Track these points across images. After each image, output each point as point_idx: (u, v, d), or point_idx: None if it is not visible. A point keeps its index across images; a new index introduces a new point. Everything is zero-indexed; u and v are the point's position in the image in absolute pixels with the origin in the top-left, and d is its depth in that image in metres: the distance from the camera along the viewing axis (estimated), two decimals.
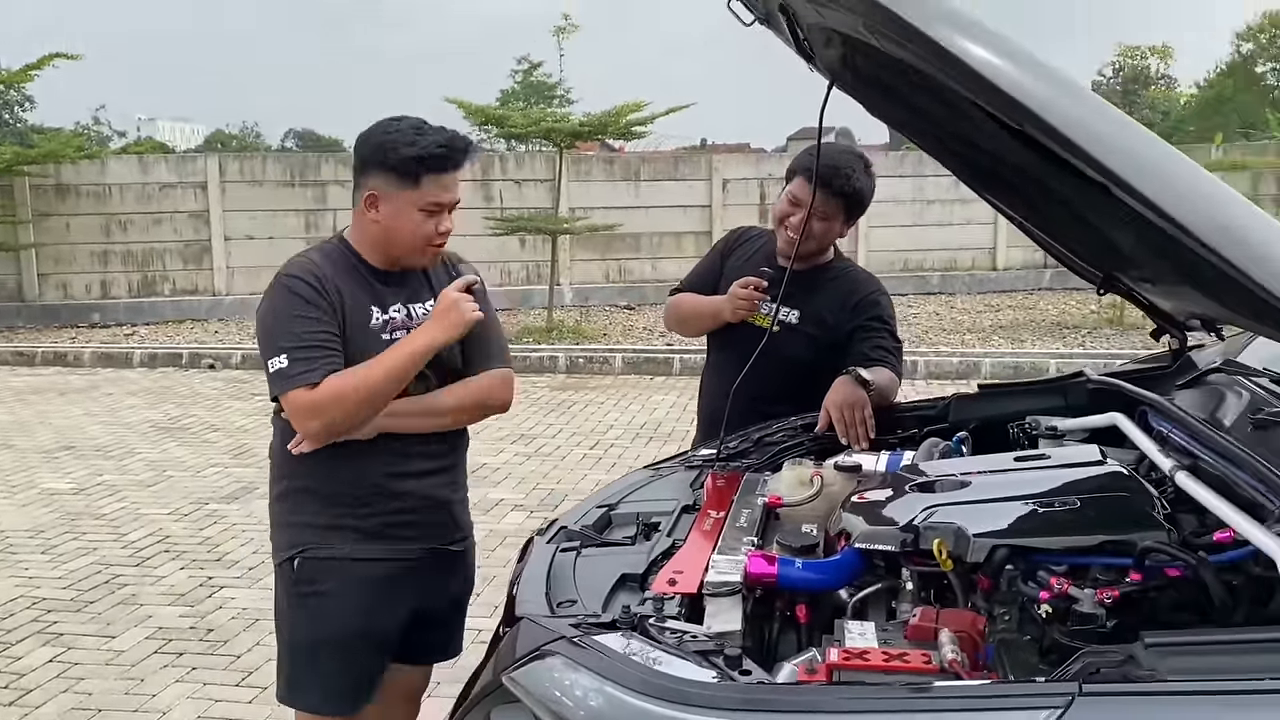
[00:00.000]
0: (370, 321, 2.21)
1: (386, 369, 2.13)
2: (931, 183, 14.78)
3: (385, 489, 2.24)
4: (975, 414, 2.51)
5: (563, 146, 12.30)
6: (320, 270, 2.18)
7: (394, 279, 2.27)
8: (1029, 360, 9.43)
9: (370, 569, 2.24)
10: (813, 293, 2.83)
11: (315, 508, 2.24)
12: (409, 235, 2.19)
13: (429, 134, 2.15)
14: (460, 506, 2.42)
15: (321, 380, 2.08)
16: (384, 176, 2.14)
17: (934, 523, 1.63)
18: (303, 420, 2.11)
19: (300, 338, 2.10)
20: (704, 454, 2.44)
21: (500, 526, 5.41)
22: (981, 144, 1.85)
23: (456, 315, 2.19)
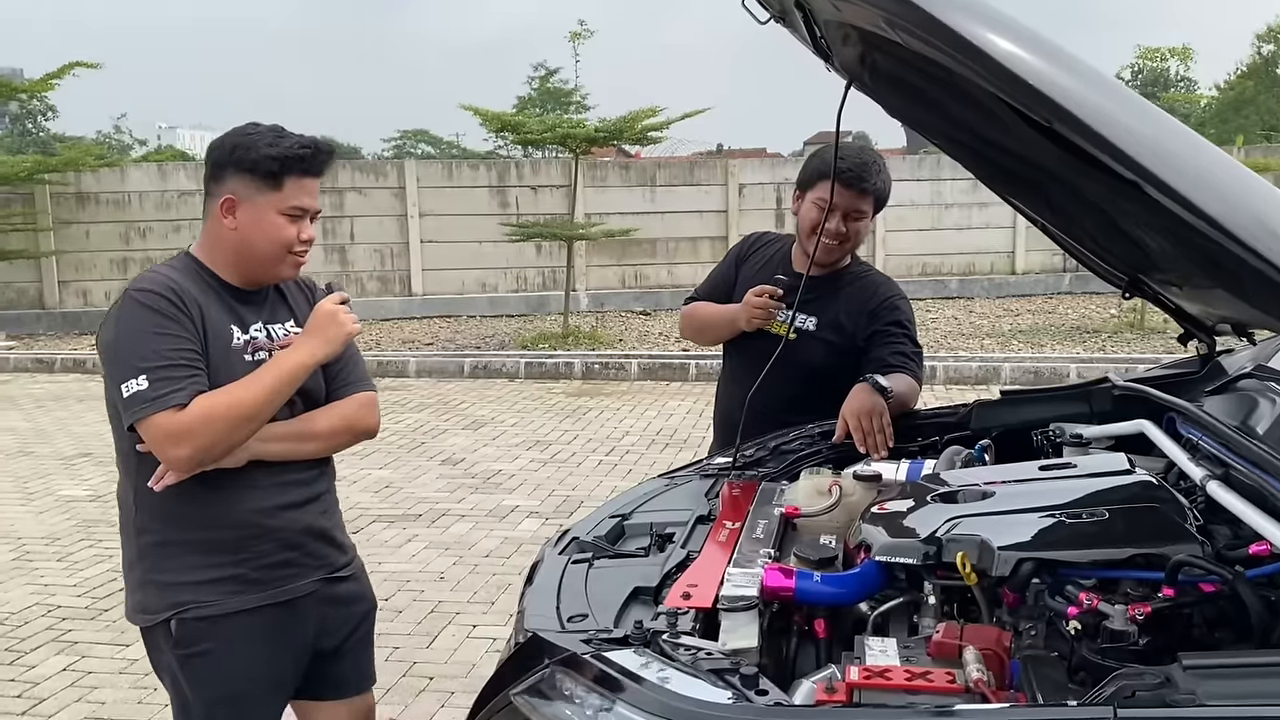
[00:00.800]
0: (232, 342, 2.05)
1: (263, 388, 1.97)
2: (949, 186, 14.69)
3: (262, 527, 2.07)
4: (997, 421, 2.46)
5: (578, 152, 12.27)
6: (176, 284, 2.00)
7: (252, 298, 2.13)
8: (1049, 365, 9.33)
9: (255, 619, 2.07)
10: (830, 298, 2.78)
11: (187, 562, 2.04)
12: (270, 242, 2.04)
13: (290, 136, 2.05)
14: (339, 531, 2.27)
15: (190, 401, 1.90)
16: (242, 179, 2.01)
17: (957, 535, 1.58)
18: (169, 447, 1.90)
19: (162, 355, 1.91)
20: (719, 462, 2.40)
21: (515, 534, 5.37)
22: (1005, 144, 1.80)
23: (336, 329, 2.07)
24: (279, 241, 2.05)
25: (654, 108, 12.02)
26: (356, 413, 2.19)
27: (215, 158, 2.05)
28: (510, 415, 8.29)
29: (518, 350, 10.69)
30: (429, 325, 12.83)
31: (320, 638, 2.21)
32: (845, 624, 1.66)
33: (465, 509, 5.84)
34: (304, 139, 2.05)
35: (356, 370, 2.24)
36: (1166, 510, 1.61)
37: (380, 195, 13.72)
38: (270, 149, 2.00)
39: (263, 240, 2.04)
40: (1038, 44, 1.11)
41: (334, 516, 2.27)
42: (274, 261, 2.08)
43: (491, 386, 9.55)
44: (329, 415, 2.15)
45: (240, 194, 2.02)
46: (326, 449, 2.18)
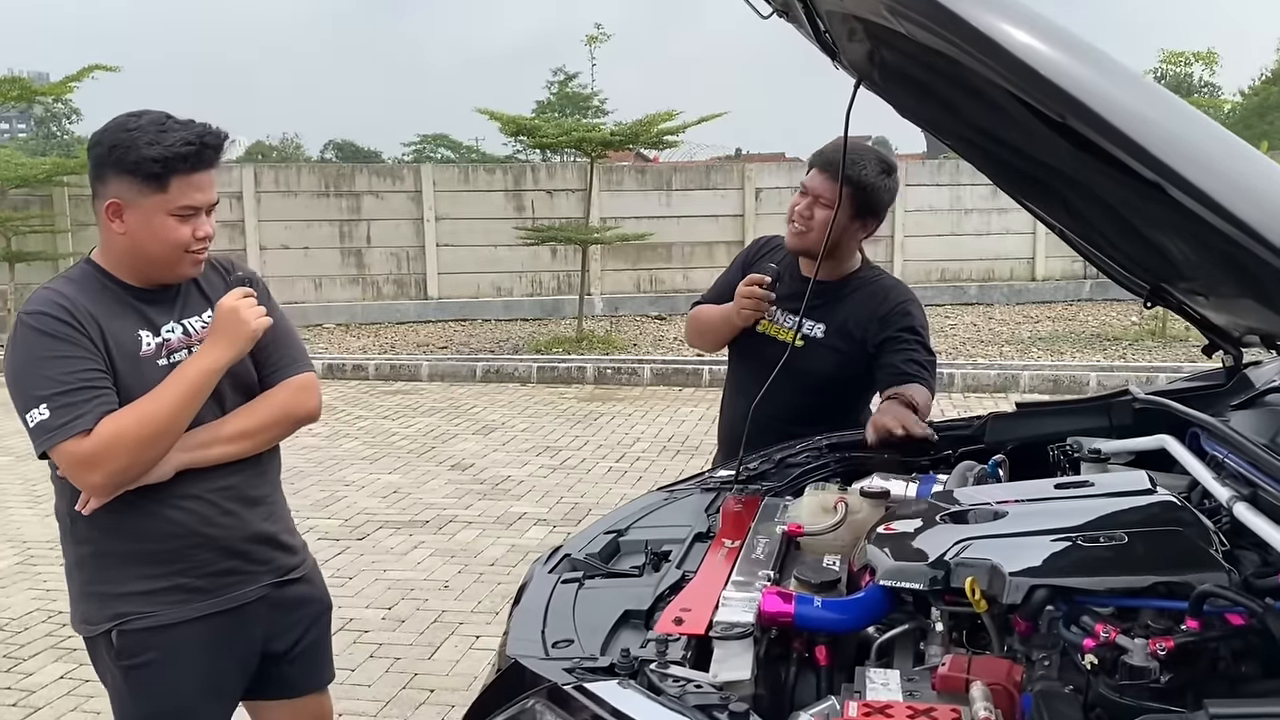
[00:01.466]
0: (140, 349, 1.95)
1: (170, 400, 1.90)
2: (969, 191, 14.56)
3: (202, 536, 2.00)
4: (1012, 434, 2.36)
5: (594, 156, 12.21)
6: (68, 300, 1.90)
7: (159, 296, 2.01)
8: (1069, 373, 9.19)
9: (200, 629, 2.01)
10: (838, 304, 2.69)
11: (127, 573, 1.98)
12: (162, 246, 1.92)
13: (174, 129, 1.89)
14: (286, 533, 2.20)
15: (95, 425, 1.84)
16: (125, 181, 1.88)
17: (966, 558, 1.48)
18: (81, 475, 1.87)
19: (59, 381, 1.84)
20: (721, 475, 2.31)
21: (522, 542, 5.30)
22: (1020, 144, 1.71)
23: (239, 327, 1.97)
24: (171, 243, 1.93)
25: (670, 111, 11.94)
26: (292, 400, 2.09)
27: (95, 156, 1.92)
28: (521, 420, 8.23)
29: (531, 354, 10.63)
30: (444, 329, 12.79)
31: (269, 641, 2.16)
32: (848, 651, 1.57)
33: (472, 516, 5.77)
34: (189, 133, 1.90)
35: (289, 352, 2.13)
36: (1190, 534, 1.51)
37: (397, 199, 13.71)
38: (151, 148, 1.86)
39: (154, 243, 1.92)
40: (1048, 31, 1.02)
41: (280, 519, 2.19)
42: (170, 263, 1.97)
43: (503, 391, 9.49)
44: (256, 410, 2.06)
45: (124, 197, 1.89)
46: (265, 443, 2.09)
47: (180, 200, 1.90)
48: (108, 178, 1.90)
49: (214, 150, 1.93)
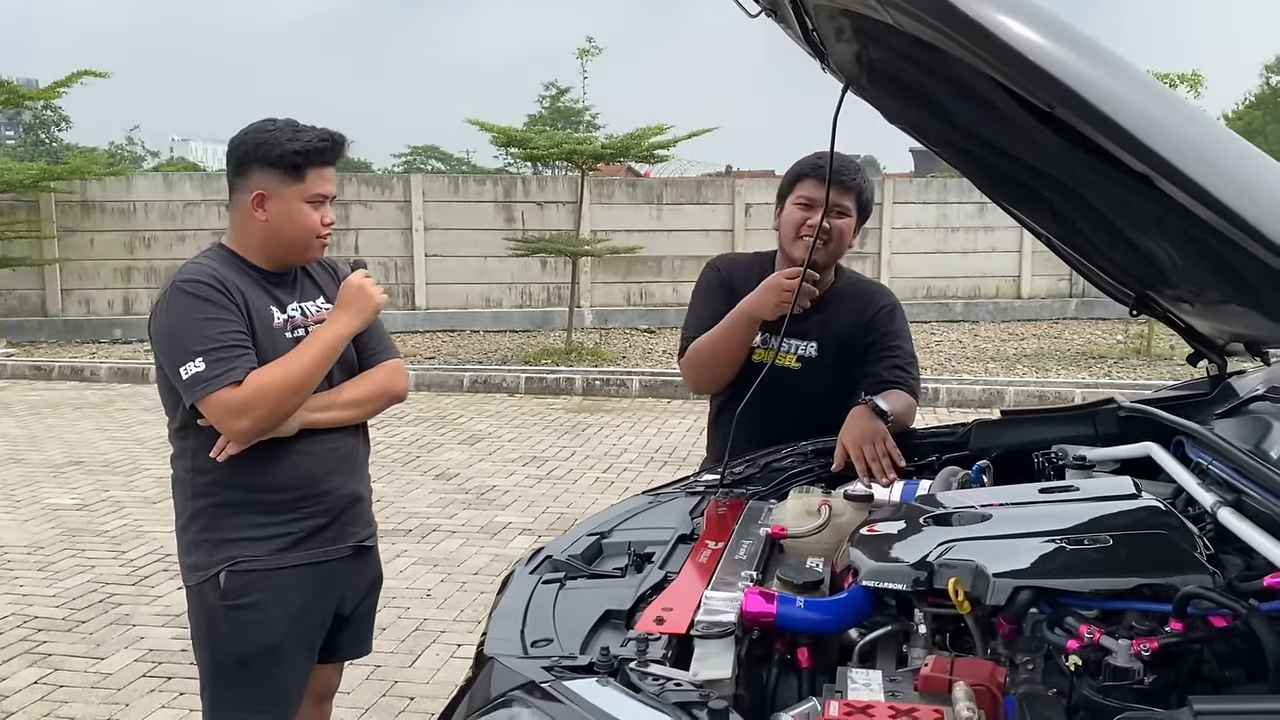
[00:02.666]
0: (273, 322, 2.24)
1: (308, 360, 2.18)
2: (956, 210, 14.64)
3: (309, 491, 2.25)
4: (997, 441, 2.35)
5: (585, 169, 12.22)
6: (218, 273, 2.19)
7: (284, 280, 2.31)
8: (1054, 389, 9.21)
9: (299, 574, 2.25)
10: (825, 318, 2.64)
11: (241, 520, 2.22)
12: (299, 229, 2.23)
13: (307, 130, 2.22)
14: (368, 503, 2.46)
15: (244, 377, 2.10)
16: (269, 173, 2.19)
17: (950, 560, 1.47)
18: (230, 420, 2.11)
19: (215, 339, 2.11)
20: (706, 479, 2.29)
21: (507, 551, 5.26)
22: (1007, 144, 1.71)
23: (365, 299, 2.28)
24: (307, 228, 2.23)
25: (661, 125, 11.98)
26: (389, 379, 2.39)
27: (240, 154, 2.21)
28: (508, 430, 8.20)
29: (519, 365, 10.60)
30: (432, 339, 12.76)
31: (343, 602, 2.38)
32: (830, 653, 1.56)
33: (456, 525, 5.74)
34: (320, 132, 2.23)
35: (383, 340, 2.43)
36: (1174, 538, 1.50)
37: (386, 208, 13.69)
38: (292, 144, 2.17)
39: (292, 228, 2.22)
40: (1036, 17, 1.01)
41: (367, 486, 2.45)
42: (304, 246, 2.26)
43: (491, 401, 9.46)
44: (364, 383, 2.35)
45: (268, 187, 2.19)
46: (366, 414, 2.38)
47: (314, 189, 2.21)
48: (252, 171, 2.19)
49: (340, 146, 2.25)
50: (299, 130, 2.21)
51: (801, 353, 2.68)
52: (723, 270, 2.79)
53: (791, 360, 2.68)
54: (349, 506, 2.34)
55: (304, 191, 2.20)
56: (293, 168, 2.18)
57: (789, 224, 2.62)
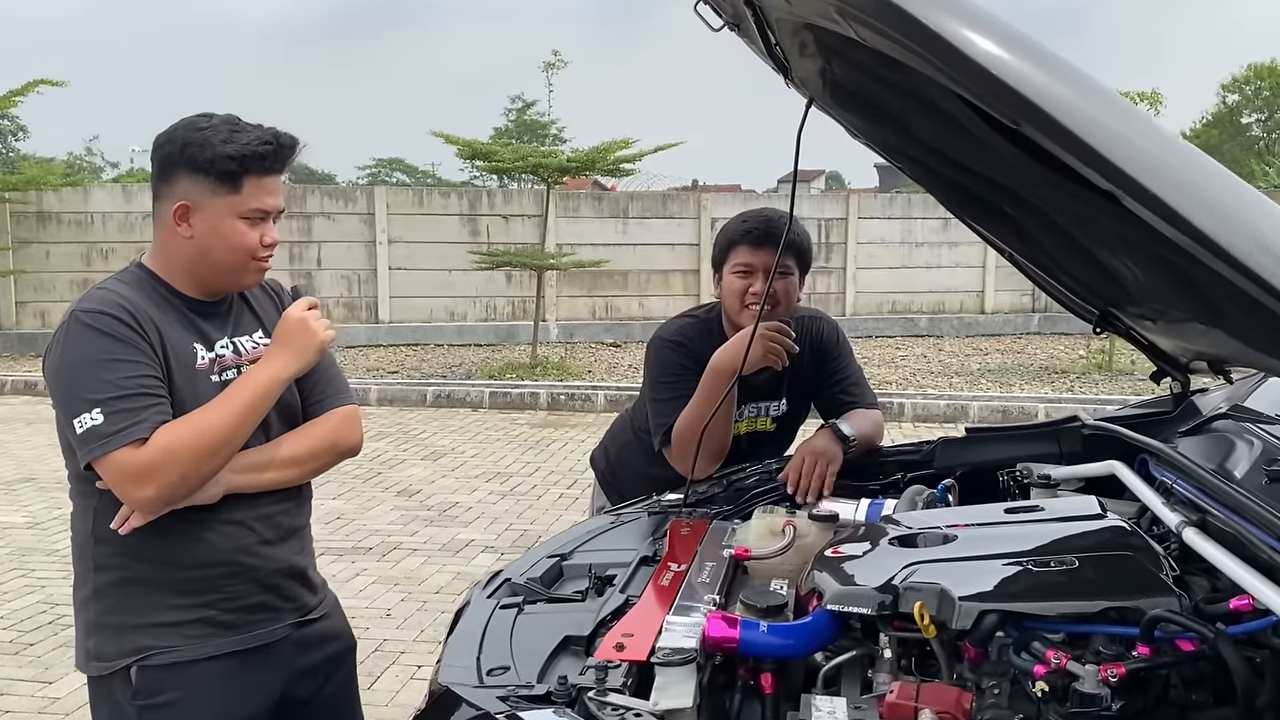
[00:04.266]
0: (196, 362, 1.84)
1: (232, 411, 1.78)
2: (920, 225, 14.74)
3: (238, 566, 1.88)
4: (962, 459, 2.34)
5: (550, 182, 12.19)
6: (129, 302, 1.78)
7: (215, 310, 1.92)
8: (1017, 405, 9.27)
9: (225, 666, 1.88)
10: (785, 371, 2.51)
11: (151, 602, 1.83)
12: (230, 249, 1.84)
13: (248, 129, 1.83)
14: (313, 569, 2.08)
15: (150, 434, 1.71)
16: (196, 181, 1.80)
17: (915, 583, 1.45)
18: (132, 487, 1.72)
19: (117, 385, 1.71)
20: (669, 499, 2.26)
21: (469, 569, 5.19)
22: (971, 161, 1.70)
23: (307, 338, 1.88)
24: (240, 248, 1.84)
25: (627, 139, 11.96)
26: (338, 430, 1.98)
27: (164, 155, 1.83)
28: (471, 446, 8.12)
29: (483, 380, 10.52)
30: (395, 353, 12.64)
31: (291, 685, 2.00)
32: (794, 678, 1.53)
33: (418, 542, 5.66)
34: (263, 133, 1.83)
35: (334, 383, 2.03)
36: (1140, 559, 1.49)
37: (349, 221, 13.56)
38: (226, 146, 1.79)
39: (222, 248, 1.83)
40: (1001, 31, 0.99)
41: (310, 554, 2.07)
42: (236, 270, 1.88)
43: (454, 416, 9.37)
44: (309, 435, 1.96)
45: (194, 198, 1.80)
46: (309, 473, 1.98)
47: (251, 203, 1.82)
48: (177, 178, 1.81)
49: (288, 151, 1.87)
50: (236, 130, 1.81)
51: (774, 413, 2.66)
52: (688, 346, 2.56)
53: (767, 423, 2.66)
54: (289, 578, 1.97)
55: (239, 205, 1.81)
56: (225, 175, 1.78)
57: (731, 294, 2.52)
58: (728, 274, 2.53)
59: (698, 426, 2.31)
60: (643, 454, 2.66)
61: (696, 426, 2.32)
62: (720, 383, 2.36)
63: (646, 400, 2.63)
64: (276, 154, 1.84)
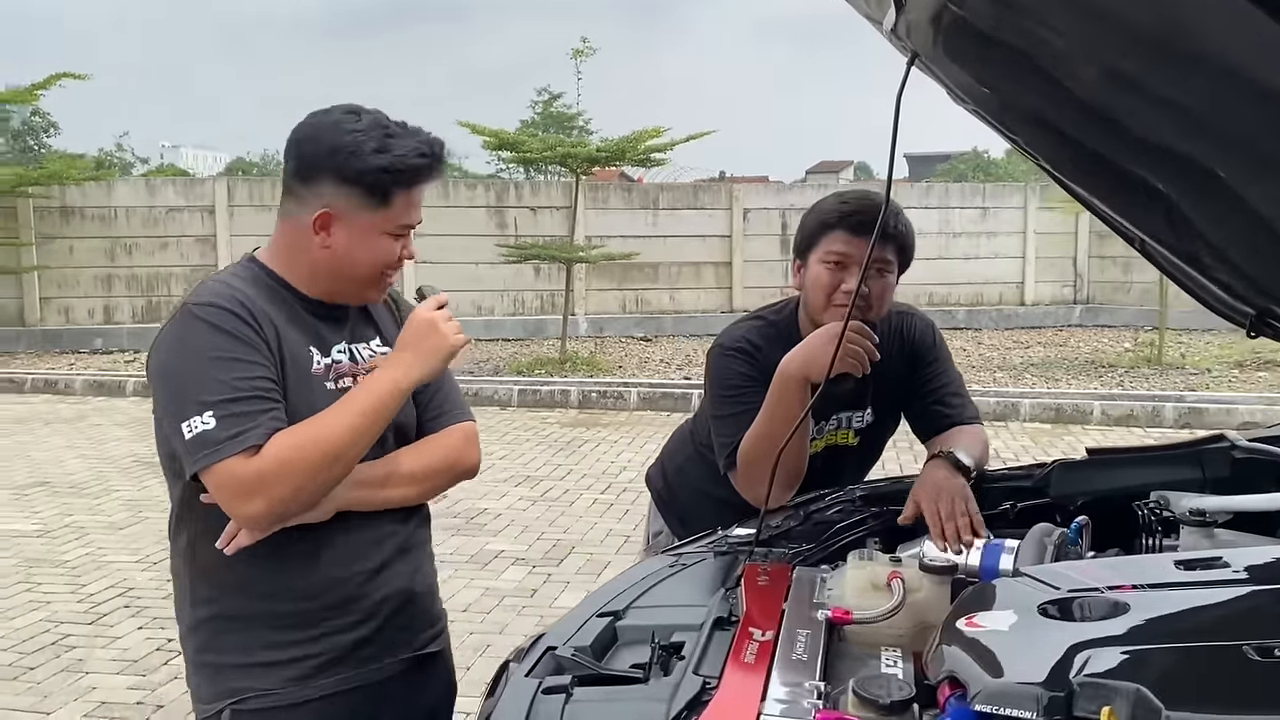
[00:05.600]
0: (312, 367, 1.67)
1: (351, 420, 1.59)
2: (957, 214, 14.34)
3: (350, 596, 1.69)
4: (1084, 487, 1.99)
5: (579, 173, 11.86)
6: (245, 297, 1.63)
7: (333, 313, 1.74)
8: (1070, 401, 8.84)
9: (328, 707, 1.69)
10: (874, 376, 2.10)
11: (251, 639, 1.67)
12: (369, 267, 1.67)
13: (400, 136, 1.64)
14: (431, 597, 1.89)
15: (265, 441, 1.53)
16: (344, 191, 1.61)
17: (1096, 679, 1.09)
18: (241, 501, 1.54)
19: (232, 387, 1.54)
20: (738, 534, 1.90)
21: (497, 584, 4.87)
22: (1120, 115, 1.34)
23: (436, 340, 1.68)
24: (379, 264, 1.68)
25: (657, 129, 11.61)
26: (458, 449, 1.81)
27: (305, 156, 1.64)
28: (500, 447, 7.79)
29: (512, 376, 10.21)
30: None
31: None
32: None
33: (444, 553, 5.33)
34: (420, 143, 1.64)
35: (452, 397, 1.85)
36: None
37: None
38: (380, 157, 1.60)
39: (363, 263, 1.67)
40: None
41: (429, 578, 1.89)
42: (366, 285, 1.72)
43: (482, 415, 8.94)
44: (430, 451, 1.77)
45: (339, 209, 1.63)
46: (428, 492, 1.80)
47: (401, 219, 1.66)
48: (319, 182, 1.63)
49: (442, 163, 1.69)
50: (390, 135, 1.62)
51: (858, 424, 2.28)
52: (756, 355, 2.17)
53: (848, 436, 2.28)
54: (401, 608, 1.77)
55: (387, 221, 1.64)
56: (376, 189, 1.61)
57: (818, 288, 2.13)
58: (815, 263, 2.14)
59: (767, 446, 1.93)
60: (705, 472, 2.30)
61: (765, 446, 1.95)
62: (790, 393, 1.99)
63: (709, 418, 2.28)
64: (432, 167, 1.66)
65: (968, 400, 2.27)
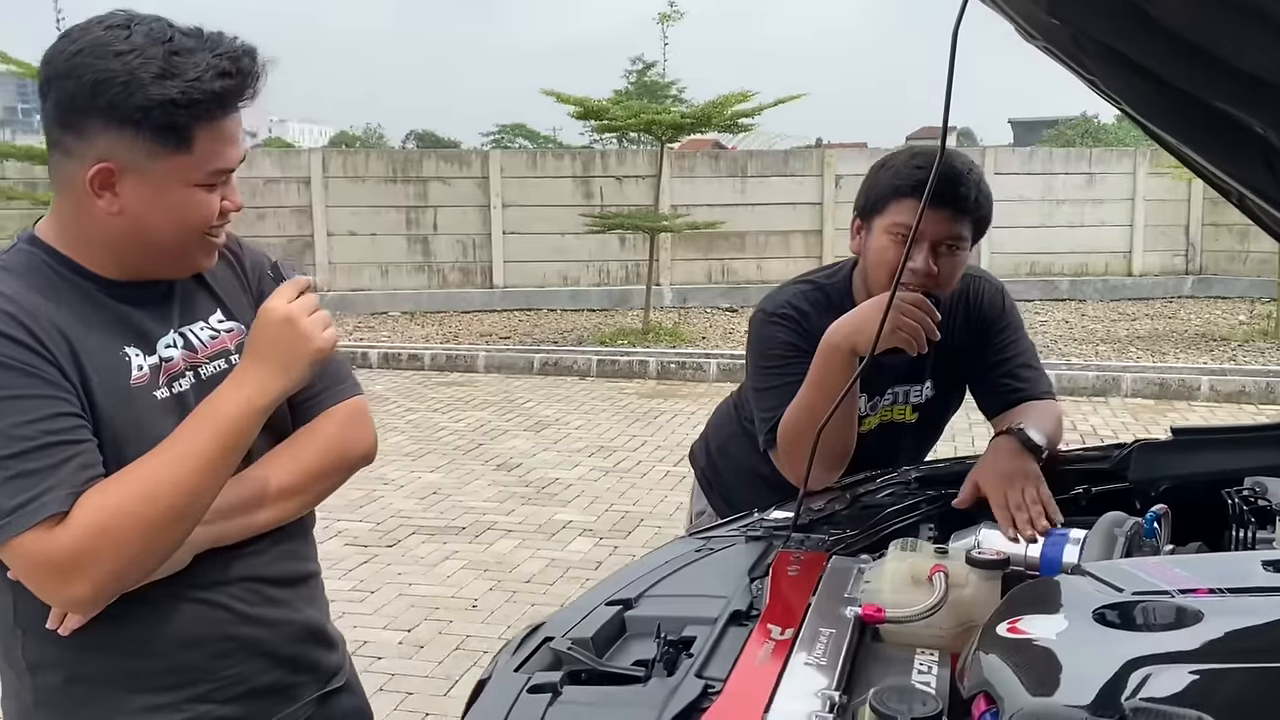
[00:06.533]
0: (130, 376, 1.29)
1: (194, 461, 1.23)
2: (1062, 181, 13.74)
3: (235, 641, 1.38)
4: (1167, 471, 1.78)
5: (664, 140, 11.67)
6: (17, 305, 1.22)
7: (151, 294, 1.35)
8: (1176, 376, 8.37)
9: None
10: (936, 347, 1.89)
11: (118, 706, 1.33)
12: (178, 228, 1.28)
13: (191, 52, 1.22)
14: (329, 622, 1.57)
15: (72, 505, 1.17)
16: (123, 137, 1.22)
17: (1152, 704, 0.92)
18: (55, 584, 1.19)
19: (8, 437, 1.17)
20: (775, 517, 1.75)
21: (563, 555, 4.79)
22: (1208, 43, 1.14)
23: (299, 345, 1.29)
24: (192, 223, 1.29)
25: (745, 93, 11.33)
26: (344, 436, 1.44)
27: (67, 94, 1.22)
28: (576, 416, 7.72)
29: (595, 346, 10.14)
30: (509, 318, 12.38)
31: None
32: None
33: (513, 523, 5.28)
34: (218, 58, 1.23)
35: (329, 370, 1.43)
36: None
37: (464, 185, 13.35)
38: (163, 86, 1.19)
39: (168, 224, 1.28)
40: None
41: (323, 601, 1.56)
42: (181, 251, 1.32)
43: (560, 385, 9.00)
44: (309, 449, 1.41)
45: (122, 161, 1.23)
46: (309, 503, 1.44)
47: (209, 163, 1.26)
48: (89, 130, 1.22)
49: (254, 79, 1.28)
50: (176, 53, 1.21)
51: (915, 399, 2.09)
52: (802, 321, 1.99)
53: (906, 412, 2.10)
54: (301, 646, 1.47)
55: (192, 168, 1.25)
56: (167, 130, 1.21)
57: (881, 262, 1.91)
58: (880, 232, 1.92)
59: (810, 422, 1.74)
60: (750, 448, 2.14)
61: (809, 422, 1.75)
62: (835, 365, 1.81)
63: (749, 390, 2.12)
64: (239, 88, 1.25)
65: (1041, 373, 2.07)
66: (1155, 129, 1.65)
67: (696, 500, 2.51)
